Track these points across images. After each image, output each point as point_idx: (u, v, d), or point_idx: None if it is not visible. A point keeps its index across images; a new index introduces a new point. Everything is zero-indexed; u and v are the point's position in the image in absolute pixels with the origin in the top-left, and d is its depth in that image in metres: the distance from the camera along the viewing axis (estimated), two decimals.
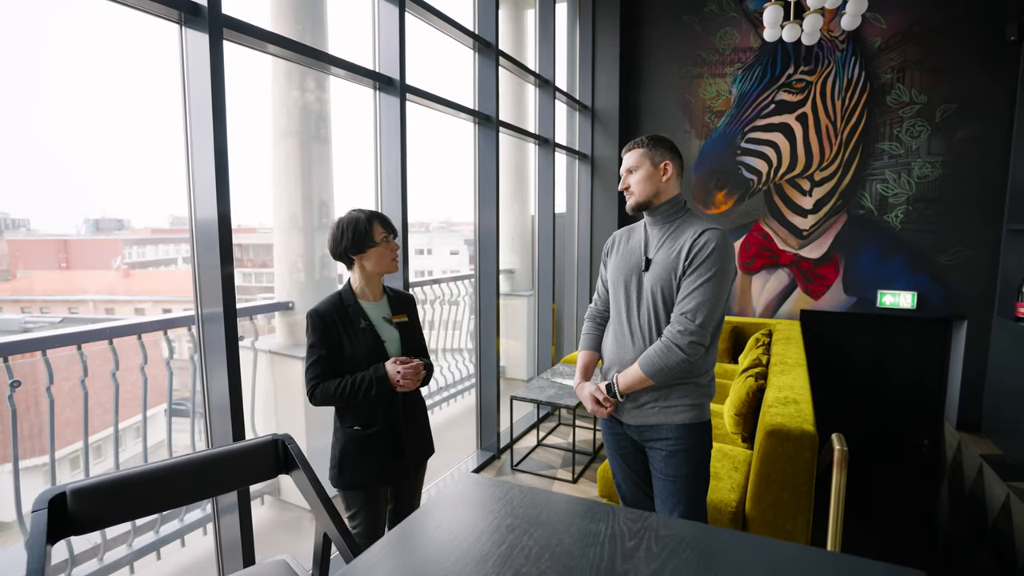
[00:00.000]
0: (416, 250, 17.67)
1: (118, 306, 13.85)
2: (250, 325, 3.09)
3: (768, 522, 2.10)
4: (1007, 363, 3.48)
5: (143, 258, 15.65)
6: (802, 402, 2.29)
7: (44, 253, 14.65)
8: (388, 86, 2.53)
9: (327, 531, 1.20)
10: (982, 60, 3.63)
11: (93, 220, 16.13)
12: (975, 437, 3.70)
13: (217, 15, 1.72)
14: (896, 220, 3.96)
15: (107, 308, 13.78)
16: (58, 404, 2.12)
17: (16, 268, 14.36)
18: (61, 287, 14.19)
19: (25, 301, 13.46)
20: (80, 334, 2.15)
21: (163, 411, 2.54)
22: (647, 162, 1.61)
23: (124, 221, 16.59)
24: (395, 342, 1.69)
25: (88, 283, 14.54)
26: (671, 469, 1.60)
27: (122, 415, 2.38)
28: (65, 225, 18.42)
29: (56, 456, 2.15)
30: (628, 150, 1.68)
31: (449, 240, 17.15)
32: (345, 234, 1.64)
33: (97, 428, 2.36)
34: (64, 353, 2.14)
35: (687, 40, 4.42)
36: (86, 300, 13.94)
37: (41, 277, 14.40)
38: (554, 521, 0.83)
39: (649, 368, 1.51)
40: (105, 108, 30.05)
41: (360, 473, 1.60)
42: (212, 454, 1.27)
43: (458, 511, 0.88)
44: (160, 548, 2.42)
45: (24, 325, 12.61)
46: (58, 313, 13.34)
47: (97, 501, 1.09)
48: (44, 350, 2.07)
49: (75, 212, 24.81)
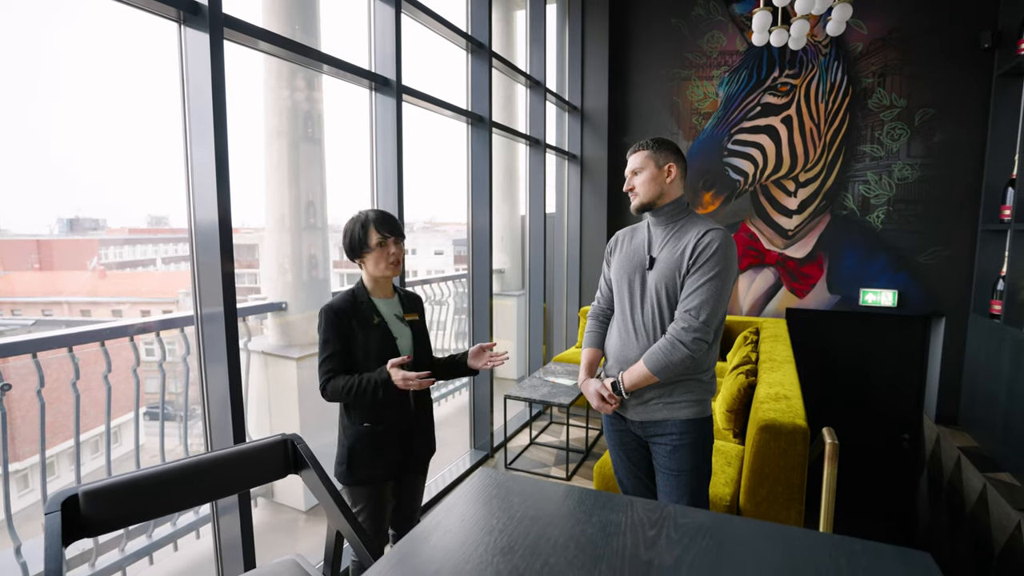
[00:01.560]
0: (411, 250, 17.59)
1: (95, 308, 13.53)
2: (242, 326, 3.06)
3: (762, 515, 2.15)
4: (983, 359, 3.60)
5: (120, 258, 15.30)
6: (793, 398, 2.35)
7: (16, 253, 14.25)
8: (384, 87, 2.53)
9: (340, 529, 1.21)
10: (959, 66, 3.76)
11: (67, 220, 15.73)
12: (953, 430, 3.82)
13: (217, 14, 1.71)
14: (878, 221, 4.07)
15: (83, 310, 13.46)
16: (33, 409, 2.09)
17: None
18: (34, 289, 13.82)
19: None
20: (69, 336, 2.12)
21: (134, 417, 2.48)
22: (652, 164, 1.65)
23: (100, 221, 16.21)
24: (407, 339, 1.70)
25: (63, 284, 14.18)
26: (675, 464, 1.64)
27: (88, 424, 2.34)
28: (38, 225, 17.93)
29: (34, 460, 2.11)
30: (633, 152, 1.70)
31: (434, 240, 17.08)
32: (345, 237, 1.67)
33: (67, 435, 2.31)
34: (49, 357, 2.10)
35: (675, 43, 4.49)
36: (61, 302, 13.60)
37: (12, 278, 14.01)
38: (576, 512, 0.86)
39: (654, 365, 1.54)
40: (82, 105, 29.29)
41: (369, 469, 1.61)
42: (223, 454, 1.27)
43: (475, 507, 0.90)
44: (152, 553, 2.39)
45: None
46: (31, 315, 12.99)
47: (110, 502, 1.09)
48: (35, 352, 2.03)
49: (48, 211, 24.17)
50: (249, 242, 7.14)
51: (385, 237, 1.66)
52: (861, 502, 4.43)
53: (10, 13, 6.15)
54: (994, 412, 3.38)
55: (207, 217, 1.78)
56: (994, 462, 3.28)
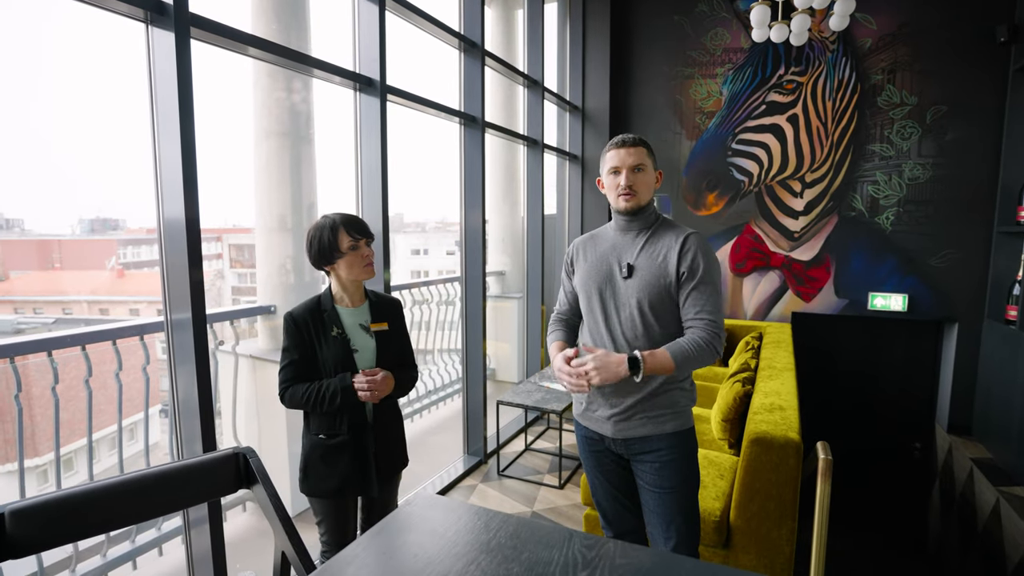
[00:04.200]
0: (412, 250, 17.61)
1: (112, 307, 13.75)
2: (231, 329, 3.04)
3: (752, 531, 2.06)
4: (997, 366, 3.45)
5: (138, 258, 15.53)
6: (788, 409, 2.25)
7: (38, 253, 14.54)
8: (368, 87, 2.48)
9: (284, 550, 1.16)
10: (972, 62, 3.60)
11: (88, 220, 16.03)
12: (966, 440, 3.67)
13: (183, 13, 1.68)
14: (887, 222, 3.92)
15: (101, 309, 13.69)
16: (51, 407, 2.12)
17: (9, 269, 14.26)
18: (55, 288, 14.09)
19: (19, 302, 13.37)
20: (53, 340, 2.10)
21: (148, 416, 2.49)
22: (650, 164, 1.57)
23: (119, 221, 16.47)
24: (370, 351, 1.64)
25: (82, 284, 14.44)
26: (665, 481, 1.55)
27: (106, 421, 2.36)
28: (60, 225, 18.30)
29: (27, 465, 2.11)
30: (631, 145, 1.53)
31: (445, 240, 17.10)
32: (312, 245, 1.59)
33: (67, 438, 2.33)
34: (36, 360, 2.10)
35: (678, 40, 4.39)
36: (80, 301, 13.85)
37: (35, 278, 14.30)
38: (505, 548, 0.79)
39: (683, 359, 1.44)
40: (102, 109, 29.89)
41: (322, 482, 1.56)
42: (168, 469, 1.22)
43: (409, 536, 0.84)
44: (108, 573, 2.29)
45: (16, 326, 12.53)
46: (52, 314, 13.25)
47: (40, 522, 1.04)
48: (11, 357, 2.02)
49: (70, 212, 24.69)
50: (251, 242, 7.16)
51: (357, 239, 1.59)
52: (870, 513, 4.29)
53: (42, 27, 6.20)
54: (1009, 422, 3.23)
55: (175, 219, 1.75)
56: (1008, 475, 3.13)
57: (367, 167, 2.55)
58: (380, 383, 1.52)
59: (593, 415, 1.62)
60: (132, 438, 3.22)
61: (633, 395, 1.53)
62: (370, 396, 1.50)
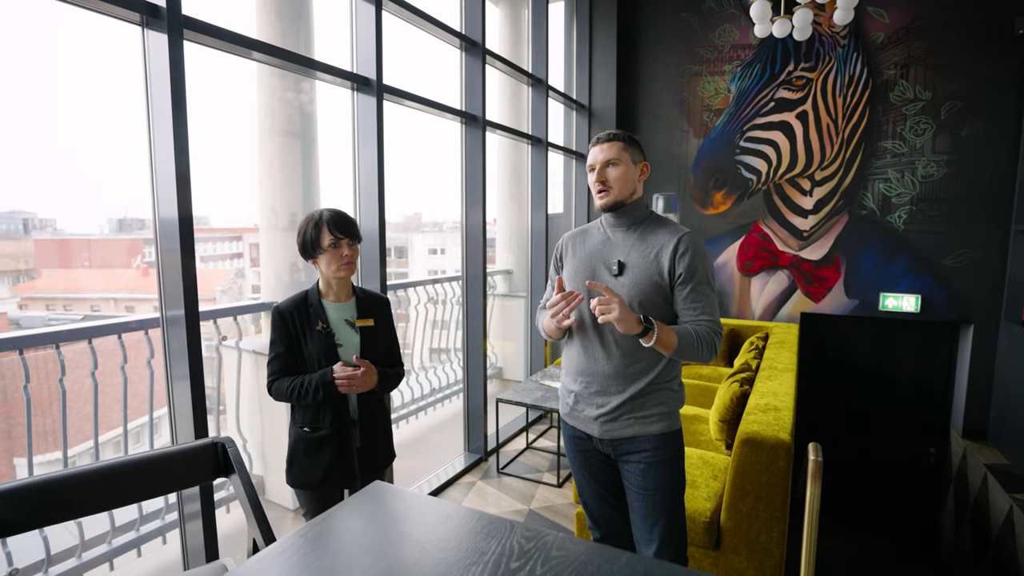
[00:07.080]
0: (430, 250, 17.74)
1: (138, 304, 14.13)
2: (234, 325, 3.10)
3: (742, 533, 2.03)
4: (1014, 369, 3.34)
5: None
6: (783, 409, 2.22)
7: (69, 252, 15.01)
8: (365, 86, 2.51)
9: (255, 536, 1.19)
10: (988, 55, 3.50)
11: (116, 219, 16.47)
12: (981, 445, 3.57)
13: (176, 15, 1.72)
14: (899, 221, 3.83)
15: (127, 306, 14.07)
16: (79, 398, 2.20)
17: (42, 267, 14.75)
18: (84, 286, 14.52)
19: (50, 299, 13.82)
20: (59, 333, 2.17)
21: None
22: (628, 158, 1.53)
23: (147, 220, 16.91)
24: (354, 346, 1.66)
25: (110, 282, 14.86)
26: (651, 482, 1.54)
27: (130, 415, 2.43)
28: (89, 225, 18.82)
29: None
30: (604, 141, 1.53)
31: None
32: (299, 237, 1.63)
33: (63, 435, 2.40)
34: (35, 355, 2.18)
35: (685, 37, 4.34)
36: (108, 298, 14.26)
37: (65, 275, 14.77)
38: (450, 537, 0.80)
39: (686, 340, 1.41)
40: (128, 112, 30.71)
41: (305, 474, 1.59)
42: (146, 457, 1.26)
43: (355, 522, 0.86)
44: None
45: (47, 322, 12.97)
46: (80, 311, 13.68)
47: (20, 504, 1.09)
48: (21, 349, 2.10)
49: (99, 212, 25.39)
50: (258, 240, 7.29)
51: (338, 239, 1.61)
52: (882, 520, 4.18)
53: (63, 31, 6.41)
54: None
55: (169, 218, 1.80)
56: (1023, 481, 3.03)
57: (364, 166, 2.58)
58: (360, 376, 1.54)
59: (580, 415, 1.61)
60: (138, 442, 3.28)
61: (620, 395, 1.52)
62: (348, 386, 1.53)
